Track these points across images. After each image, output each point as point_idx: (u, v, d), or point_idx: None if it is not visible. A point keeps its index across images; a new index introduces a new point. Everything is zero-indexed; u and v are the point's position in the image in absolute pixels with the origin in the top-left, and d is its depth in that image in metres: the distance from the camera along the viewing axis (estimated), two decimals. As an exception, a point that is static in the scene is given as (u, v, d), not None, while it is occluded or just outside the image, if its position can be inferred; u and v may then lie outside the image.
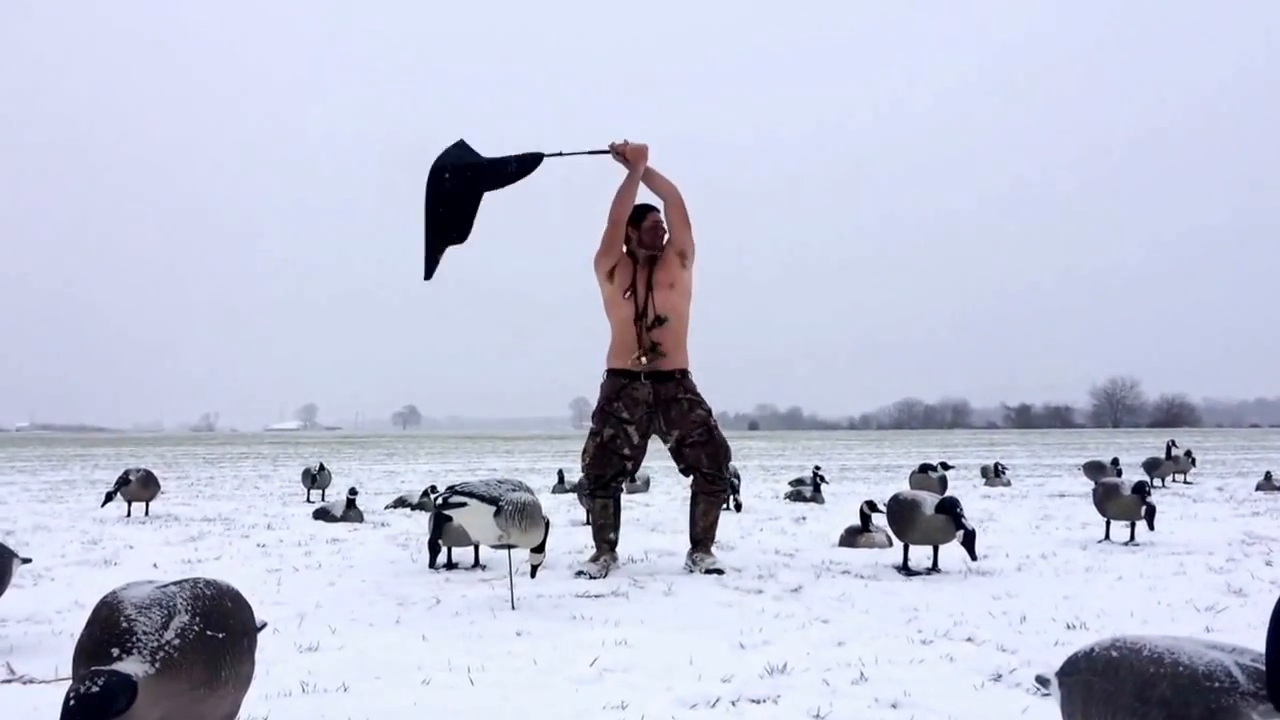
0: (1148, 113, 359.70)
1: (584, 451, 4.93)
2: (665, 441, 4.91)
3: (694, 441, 4.80)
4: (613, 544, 4.83)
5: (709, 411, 4.88)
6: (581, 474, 5.06)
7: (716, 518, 4.86)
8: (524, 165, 4.81)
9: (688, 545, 4.82)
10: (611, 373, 4.90)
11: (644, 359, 4.77)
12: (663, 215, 4.97)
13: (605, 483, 4.82)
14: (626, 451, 4.80)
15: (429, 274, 4.84)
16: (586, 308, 5.23)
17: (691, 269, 4.93)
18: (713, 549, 4.85)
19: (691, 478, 4.90)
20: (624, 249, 4.95)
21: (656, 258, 4.91)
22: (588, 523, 6.84)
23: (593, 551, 4.86)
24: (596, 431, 4.85)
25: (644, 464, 5.42)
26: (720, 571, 4.53)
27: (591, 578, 4.45)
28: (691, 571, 4.60)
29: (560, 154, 4.90)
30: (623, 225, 4.91)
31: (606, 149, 4.92)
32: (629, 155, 4.89)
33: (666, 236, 4.95)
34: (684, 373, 4.88)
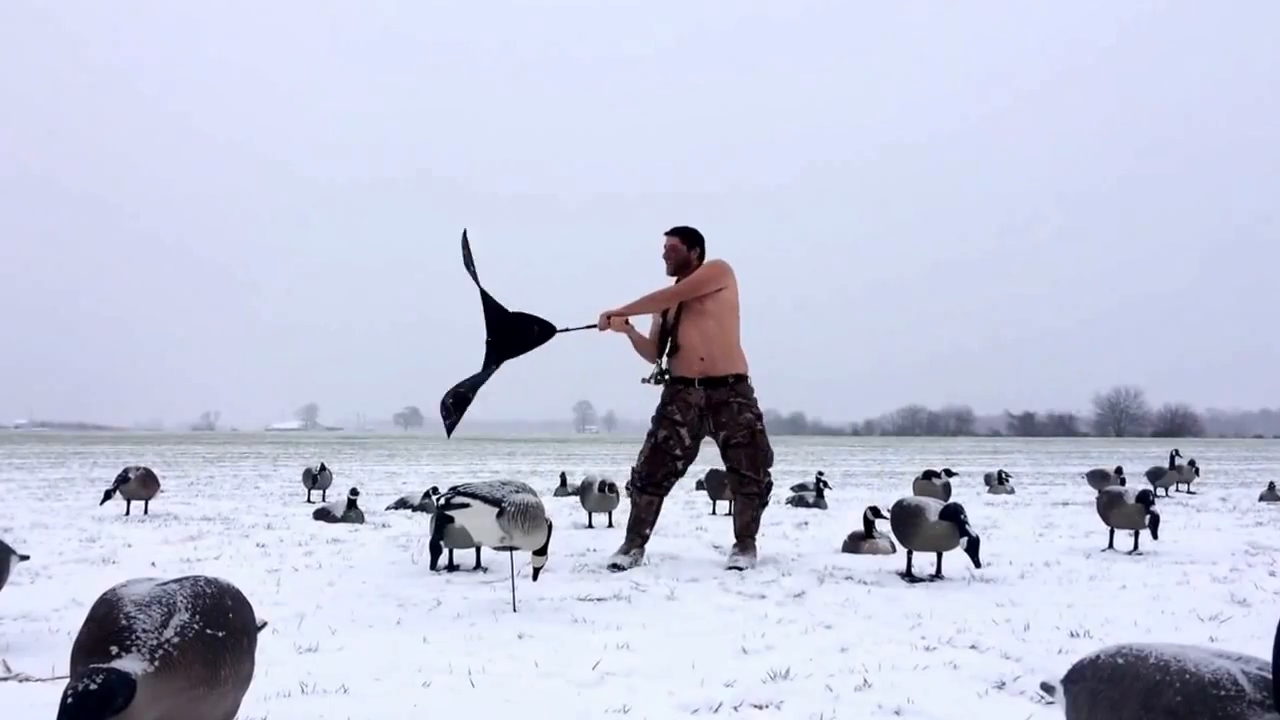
0: (1153, 123, 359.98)
1: (640, 452, 5.15)
2: (716, 442, 5.13)
3: (737, 443, 5.02)
4: (645, 539, 5.06)
5: (757, 416, 5.09)
6: (632, 471, 5.24)
7: (752, 518, 5.05)
8: (543, 334, 5.01)
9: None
10: (671, 380, 5.13)
11: (653, 381, 5.10)
12: (678, 244, 5.18)
13: (656, 481, 5.07)
14: (678, 452, 5.05)
15: (449, 432, 4.97)
16: (588, 308, 5.31)
17: (728, 291, 5.05)
18: (744, 551, 5.00)
19: (732, 478, 5.14)
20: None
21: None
22: (588, 524, 6.84)
23: (618, 547, 5.06)
24: (653, 433, 5.11)
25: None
26: (740, 569, 4.73)
27: (623, 569, 4.69)
28: (728, 568, 4.78)
29: (568, 330, 5.08)
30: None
31: (597, 325, 5.10)
32: (613, 325, 5.09)
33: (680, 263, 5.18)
34: (738, 378, 5.08)
